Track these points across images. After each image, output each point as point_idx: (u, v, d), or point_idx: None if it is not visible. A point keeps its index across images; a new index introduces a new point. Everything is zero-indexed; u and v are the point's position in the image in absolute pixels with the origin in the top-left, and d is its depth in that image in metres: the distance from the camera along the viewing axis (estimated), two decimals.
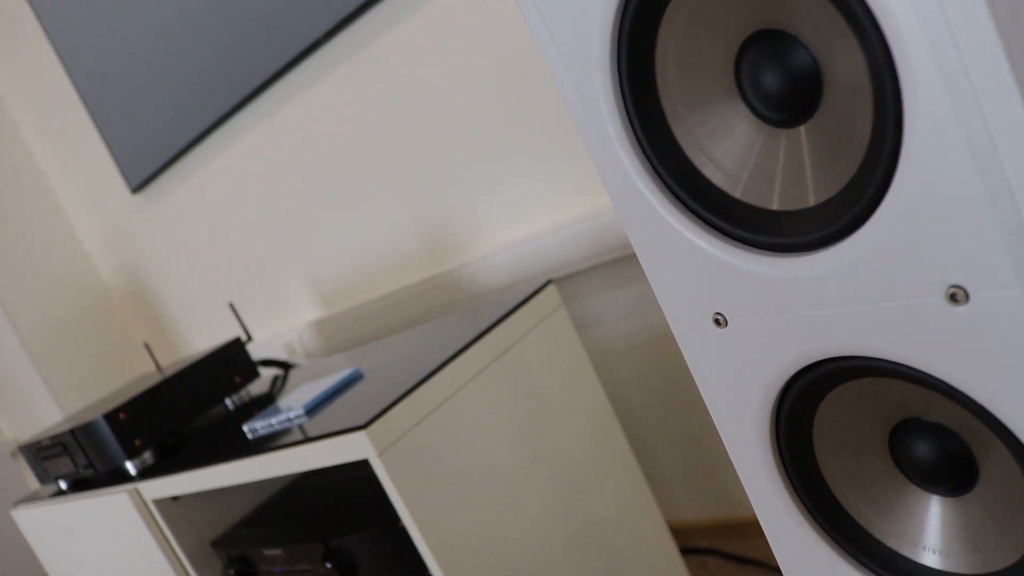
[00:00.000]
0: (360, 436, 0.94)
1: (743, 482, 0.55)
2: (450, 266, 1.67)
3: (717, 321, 0.49)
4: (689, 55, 0.44)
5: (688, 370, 1.46)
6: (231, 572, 1.23)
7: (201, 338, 2.35)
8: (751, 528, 1.49)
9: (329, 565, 1.07)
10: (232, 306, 1.58)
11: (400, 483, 0.96)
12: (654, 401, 1.54)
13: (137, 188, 2.16)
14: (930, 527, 0.48)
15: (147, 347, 1.73)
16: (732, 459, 0.55)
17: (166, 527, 1.30)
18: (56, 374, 2.30)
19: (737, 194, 0.44)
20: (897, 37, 0.37)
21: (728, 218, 0.45)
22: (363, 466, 1.20)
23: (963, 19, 0.36)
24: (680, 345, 0.53)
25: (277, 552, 1.16)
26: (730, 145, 0.44)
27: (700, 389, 0.54)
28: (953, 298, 0.39)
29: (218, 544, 1.29)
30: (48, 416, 2.28)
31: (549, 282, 1.21)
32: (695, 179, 0.45)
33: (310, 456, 1.00)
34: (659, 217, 0.47)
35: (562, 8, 0.46)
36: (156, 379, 1.44)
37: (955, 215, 0.37)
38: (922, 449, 0.47)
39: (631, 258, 1.43)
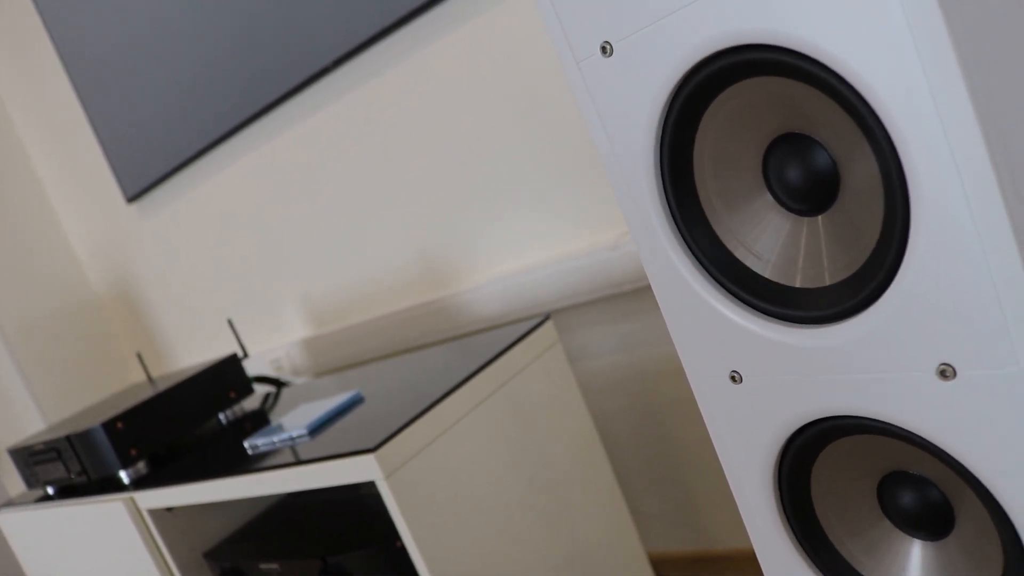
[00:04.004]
0: (369, 459, 0.99)
1: (745, 521, 0.62)
2: (443, 294, 1.73)
3: (733, 378, 0.56)
4: (723, 152, 0.51)
5: (669, 407, 1.53)
6: None
7: (188, 351, 2.38)
8: (724, 562, 1.56)
9: None
10: (230, 322, 1.62)
11: (404, 505, 1.01)
12: (635, 435, 1.60)
13: (133, 198, 2.19)
14: (912, 567, 0.55)
15: (139, 357, 1.76)
16: (736, 500, 0.62)
17: (159, 537, 1.33)
18: (39, 378, 2.31)
19: (766, 274, 0.52)
20: (905, 150, 0.45)
21: (756, 294, 0.52)
22: (355, 486, 1.25)
23: (960, 138, 0.44)
24: (696, 395, 0.60)
25: (273, 566, 1.20)
26: (759, 232, 0.52)
27: (711, 435, 0.61)
28: (943, 374, 0.47)
29: (210, 556, 1.33)
30: (28, 419, 2.28)
31: (548, 317, 1.28)
32: (729, 262, 0.53)
33: (318, 475, 1.05)
34: (691, 289, 0.54)
35: (616, 109, 0.53)
36: (155, 390, 1.48)
37: (948, 306, 0.45)
38: (906, 498, 0.55)
39: (621, 296, 1.50)
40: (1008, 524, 0.48)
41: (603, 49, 0.52)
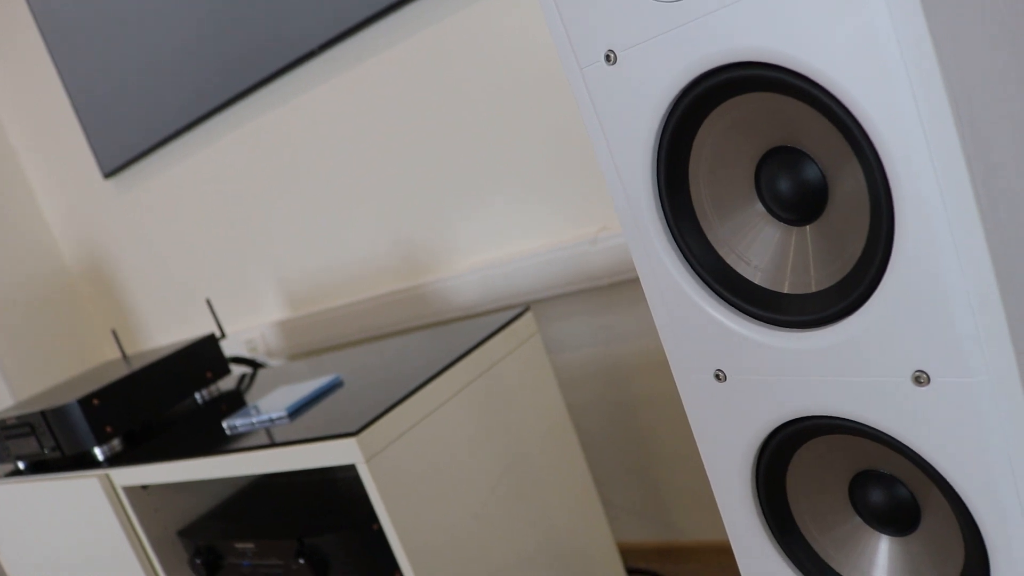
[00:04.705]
0: (350, 442, 1.01)
1: (722, 514, 0.64)
2: (421, 281, 1.74)
3: (717, 376, 0.59)
4: (718, 162, 0.54)
5: (641, 401, 1.56)
6: (198, 562, 1.27)
7: (161, 329, 2.37)
8: (688, 553, 1.59)
9: (302, 561, 1.13)
10: (209, 302, 1.63)
11: (383, 489, 1.03)
12: (607, 427, 1.63)
13: (110, 173, 2.17)
14: (879, 561, 0.58)
15: (114, 334, 1.76)
16: (715, 493, 0.64)
17: (133, 514, 1.34)
18: (7, 352, 2.28)
19: (756, 280, 0.54)
20: (892, 167, 0.47)
21: (744, 298, 0.55)
22: (328, 468, 1.26)
23: (943, 159, 0.46)
24: (680, 391, 0.62)
25: (249, 545, 1.22)
26: (750, 240, 0.54)
27: (693, 431, 0.63)
28: (918, 380, 0.50)
29: (185, 534, 1.34)
30: None
31: (527, 308, 1.30)
32: (721, 268, 0.55)
33: (298, 457, 1.07)
34: (682, 291, 0.57)
35: (617, 116, 0.55)
36: (132, 368, 1.48)
37: (926, 316, 0.48)
38: (876, 496, 0.58)
39: (598, 290, 1.53)
40: (971, 522, 0.51)
41: (607, 57, 0.54)
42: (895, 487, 0.57)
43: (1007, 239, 0.47)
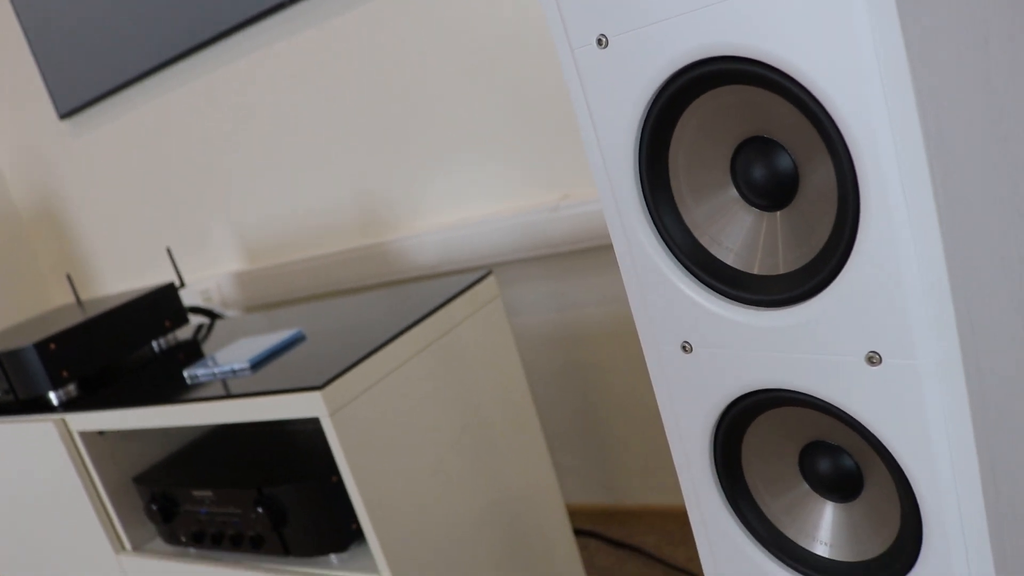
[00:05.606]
0: (315, 396, 1.03)
1: (680, 479, 0.69)
2: (382, 239, 1.76)
3: (684, 347, 0.63)
4: (697, 149, 0.57)
5: (593, 368, 1.61)
6: (154, 508, 1.29)
7: (113, 275, 2.34)
8: (630, 516, 1.65)
9: (261, 510, 1.15)
10: (169, 251, 1.62)
11: (345, 443, 1.05)
12: (559, 391, 1.68)
13: (66, 114, 2.13)
14: (823, 525, 0.63)
15: (69, 279, 1.74)
16: (675, 460, 0.69)
17: (89, 459, 1.34)
18: None
19: (728, 261, 0.58)
20: (860, 161, 0.51)
21: (716, 276, 0.59)
22: (284, 421, 1.28)
23: (908, 158, 0.50)
24: (647, 360, 0.66)
25: (207, 493, 1.23)
26: (724, 223, 0.58)
27: (657, 399, 0.67)
28: (870, 360, 0.54)
29: (141, 480, 1.35)
30: None
31: (490, 272, 1.33)
32: (695, 248, 0.59)
33: (263, 408, 1.09)
34: (656, 268, 0.60)
35: (604, 99, 0.58)
36: (90, 314, 1.47)
37: (882, 302, 0.52)
38: (824, 465, 0.62)
39: (557, 256, 1.56)
40: (910, 491, 0.56)
41: (599, 41, 0.57)
42: (841, 457, 0.61)
43: (960, 235, 0.51)
